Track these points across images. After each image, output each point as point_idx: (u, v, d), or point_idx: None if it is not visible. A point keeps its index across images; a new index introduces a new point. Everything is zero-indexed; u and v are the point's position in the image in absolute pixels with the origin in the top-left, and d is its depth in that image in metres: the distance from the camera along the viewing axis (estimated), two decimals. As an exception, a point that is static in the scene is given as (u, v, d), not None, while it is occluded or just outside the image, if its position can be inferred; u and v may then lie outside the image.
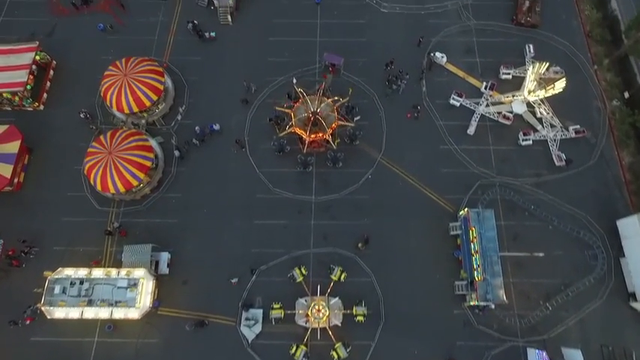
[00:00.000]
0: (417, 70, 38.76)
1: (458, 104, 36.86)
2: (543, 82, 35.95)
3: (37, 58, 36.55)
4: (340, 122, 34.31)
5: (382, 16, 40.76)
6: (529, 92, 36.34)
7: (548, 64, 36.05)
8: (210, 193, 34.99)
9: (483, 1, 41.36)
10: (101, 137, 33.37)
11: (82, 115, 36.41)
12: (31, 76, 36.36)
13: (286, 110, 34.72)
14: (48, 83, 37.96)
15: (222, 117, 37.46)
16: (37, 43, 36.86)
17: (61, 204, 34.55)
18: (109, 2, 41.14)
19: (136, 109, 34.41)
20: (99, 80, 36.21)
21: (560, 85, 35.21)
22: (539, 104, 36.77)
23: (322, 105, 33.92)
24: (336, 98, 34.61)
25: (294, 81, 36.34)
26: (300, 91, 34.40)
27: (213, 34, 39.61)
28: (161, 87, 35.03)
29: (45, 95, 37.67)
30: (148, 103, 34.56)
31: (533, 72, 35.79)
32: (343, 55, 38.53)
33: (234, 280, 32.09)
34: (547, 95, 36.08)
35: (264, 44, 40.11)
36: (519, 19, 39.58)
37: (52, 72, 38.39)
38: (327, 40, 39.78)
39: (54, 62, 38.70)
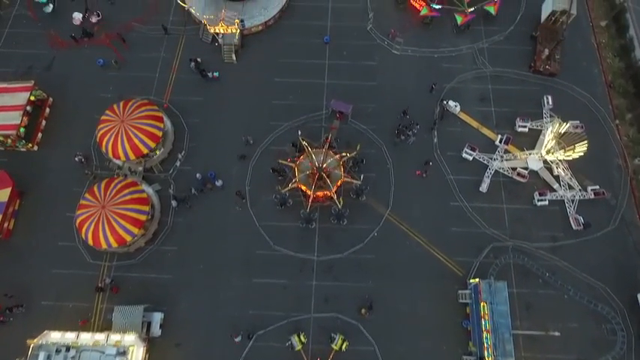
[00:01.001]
0: (429, 119, 36.77)
1: (470, 158, 35.11)
2: (562, 141, 33.97)
3: (32, 98, 35.04)
4: (346, 179, 32.71)
5: (393, 59, 39.08)
6: (547, 152, 34.46)
7: (568, 124, 33.77)
8: (208, 247, 33.32)
9: (500, 45, 39.37)
10: (95, 188, 31.81)
11: (77, 159, 34.90)
12: (25, 118, 34.80)
13: (290, 164, 33.13)
14: (43, 122, 36.44)
15: (223, 163, 35.59)
16: (33, 82, 35.49)
17: (52, 254, 32.99)
18: (110, 36, 39.68)
19: (132, 157, 32.93)
20: (97, 120, 34.64)
21: (580, 148, 33.32)
22: (557, 163, 34.82)
23: (328, 160, 32.36)
24: (343, 154, 32.97)
25: (299, 132, 34.24)
26: (305, 145, 32.82)
27: (216, 74, 38.00)
28: (160, 134, 33.58)
29: (40, 135, 36.03)
30: (145, 151, 33.10)
31: (551, 132, 34.02)
32: (351, 100, 36.73)
33: (237, 340, 30.26)
34: (566, 157, 34.19)
35: (269, 85, 38.46)
36: (537, 66, 37.74)
37: (47, 110, 36.81)
38: (335, 82, 38.24)
39: (50, 99, 37.15)
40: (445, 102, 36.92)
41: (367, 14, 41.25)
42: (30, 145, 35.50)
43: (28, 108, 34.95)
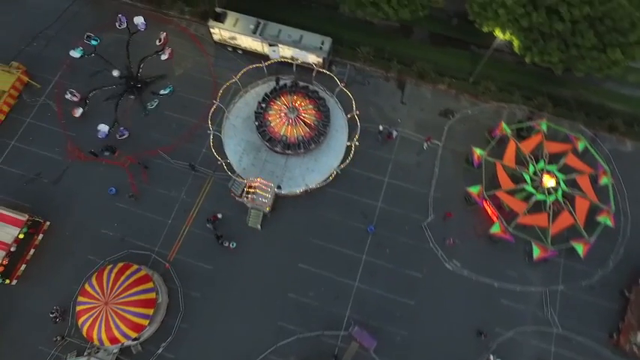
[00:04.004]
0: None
1: None
2: None
3: (21, 236, 30.78)
4: None
5: (444, 275, 32.67)
6: None
7: None
8: None
9: (579, 293, 31.61)
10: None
11: (51, 315, 30.61)
12: (7, 259, 30.59)
13: None
14: (32, 251, 32.28)
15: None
16: (27, 216, 31.45)
17: None
18: (131, 159, 35.47)
19: (107, 344, 28.32)
20: (90, 262, 31.18)
21: None
22: None
23: None
24: None
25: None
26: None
27: (233, 245, 32.80)
28: (146, 323, 28.66)
29: (23, 267, 31.79)
30: (123, 341, 28.56)
31: None
32: (380, 318, 31.01)
33: None
34: None
35: (290, 271, 32.72)
36: (621, 343, 30.10)
37: (40, 236, 32.60)
38: (366, 288, 32.21)
39: (47, 223, 33.16)
40: (492, 356, 30.47)
41: (427, 203, 34.44)
42: (7, 281, 31.19)
43: (13, 248, 30.75)
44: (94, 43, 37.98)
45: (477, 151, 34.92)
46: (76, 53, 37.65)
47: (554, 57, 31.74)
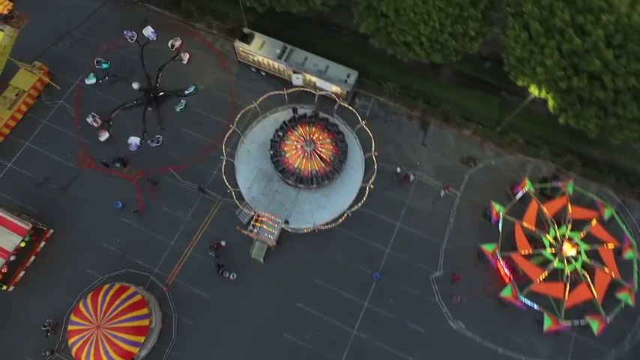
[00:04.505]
0: None
1: None
2: None
3: (22, 244, 30.55)
4: None
5: (447, 334, 31.02)
6: None
7: None
8: None
9: None
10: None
11: (44, 329, 30.13)
12: (5, 267, 30.13)
13: None
14: (32, 257, 31.99)
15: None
16: (31, 225, 31.06)
17: None
18: (141, 174, 34.87)
19: (94, 365, 29.47)
20: (89, 277, 30.73)
21: None
22: None
23: None
24: None
25: None
26: None
27: (234, 276, 31.79)
28: (136, 350, 27.98)
29: (22, 273, 31.48)
30: (111, 366, 29.68)
31: None
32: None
33: None
34: None
35: (288, 310, 31.58)
36: None
37: (42, 243, 32.32)
38: (365, 337, 30.73)
39: (51, 231, 32.83)
40: None
41: (437, 255, 32.59)
42: (5, 287, 30.95)
43: (12, 258, 30.28)
44: (104, 66, 36.99)
45: (496, 207, 33.08)
46: (90, 80, 36.54)
47: (591, 123, 30.00)
